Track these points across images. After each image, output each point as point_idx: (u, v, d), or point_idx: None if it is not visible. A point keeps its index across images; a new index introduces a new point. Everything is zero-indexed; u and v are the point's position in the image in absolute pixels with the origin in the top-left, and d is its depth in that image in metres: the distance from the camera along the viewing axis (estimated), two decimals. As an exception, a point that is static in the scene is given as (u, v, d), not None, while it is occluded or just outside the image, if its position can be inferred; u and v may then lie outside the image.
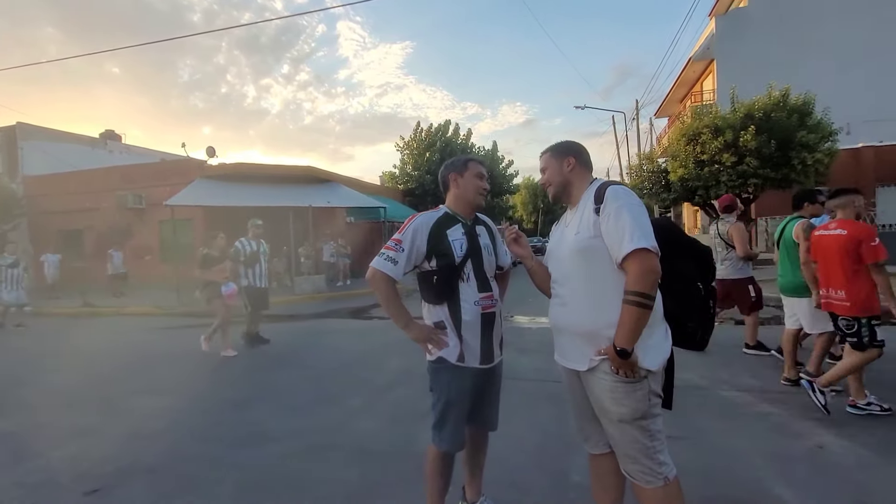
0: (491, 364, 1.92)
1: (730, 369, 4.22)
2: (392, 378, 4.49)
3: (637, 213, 1.51)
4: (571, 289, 1.64)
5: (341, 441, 3.08)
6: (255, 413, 3.69)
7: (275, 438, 3.15)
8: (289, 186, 13.40)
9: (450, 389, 1.85)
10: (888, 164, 15.19)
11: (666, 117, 28.21)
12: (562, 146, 1.78)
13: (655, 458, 1.55)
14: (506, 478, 2.46)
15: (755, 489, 2.31)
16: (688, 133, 13.04)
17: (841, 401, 3.46)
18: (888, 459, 2.57)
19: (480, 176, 1.95)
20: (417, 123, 23.25)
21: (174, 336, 7.55)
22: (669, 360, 1.58)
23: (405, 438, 3.06)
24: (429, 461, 1.94)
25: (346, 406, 3.76)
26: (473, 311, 1.85)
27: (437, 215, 1.93)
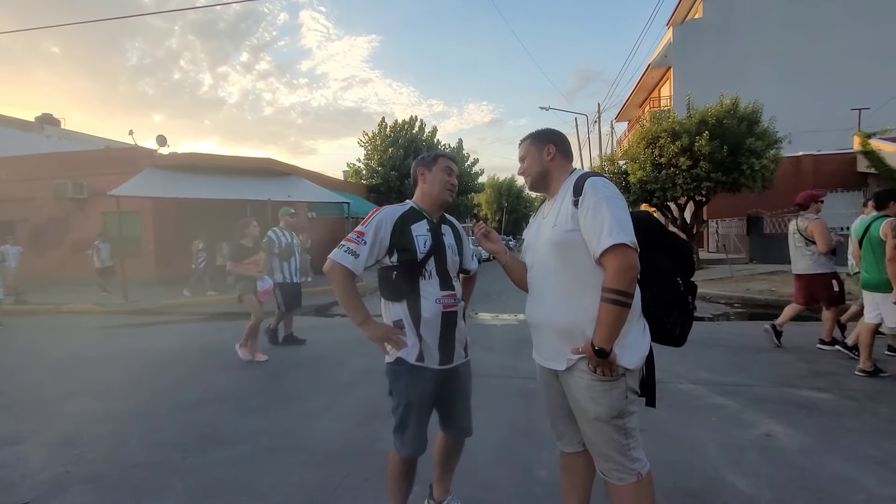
0: (451, 365, 1.83)
1: (685, 364, 4.37)
2: (354, 377, 4.36)
3: (616, 206, 1.46)
4: (547, 283, 1.60)
5: (300, 443, 2.94)
6: (205, 415, 3.47)
7: (228, 442, 2.97)
8: (247, 179, 12.87)
9: (409, 392, 1.77)
10: (825, 172, 16.35)
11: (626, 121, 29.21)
12: (542, 134, 1.72)
13: (629, 455, 1.53)
14: (472, 475, 2.42)
15: (710, 478, 2.39)
16: (647, 137, 13.51)
17: (786, 391, 3.66)
18: (827, 445, 2.72)
19: (449, 171, 1.88)
20: (382, 119, 23.01)
21: (117, 335, 7.06)
22: (649, 356, 1.55)
23: (368, 438, 2.97)
24: (391, 465, 1.87)
25: (305, 406, 3.62)
26: (434, 308, 1.77)
27: (402, 209, 1.86)
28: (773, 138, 12.72)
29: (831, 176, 16.28)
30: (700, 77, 18.68)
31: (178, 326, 7.72)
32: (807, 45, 19.57)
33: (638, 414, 1.56)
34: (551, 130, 1.75)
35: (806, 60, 19.46)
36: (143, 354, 5.38)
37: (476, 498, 2.17)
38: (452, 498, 2.05)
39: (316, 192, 13.94)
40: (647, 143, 13.49)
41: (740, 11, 20.39)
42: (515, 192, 49.93)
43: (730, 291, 9.44)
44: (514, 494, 2.29)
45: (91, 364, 5.15)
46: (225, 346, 5.65)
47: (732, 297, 9.07)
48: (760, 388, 3.75)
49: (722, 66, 19.30)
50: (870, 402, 3.39)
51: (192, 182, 11.98)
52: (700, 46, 20.59)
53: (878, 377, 3.89)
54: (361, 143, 23.17)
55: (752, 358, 4.68)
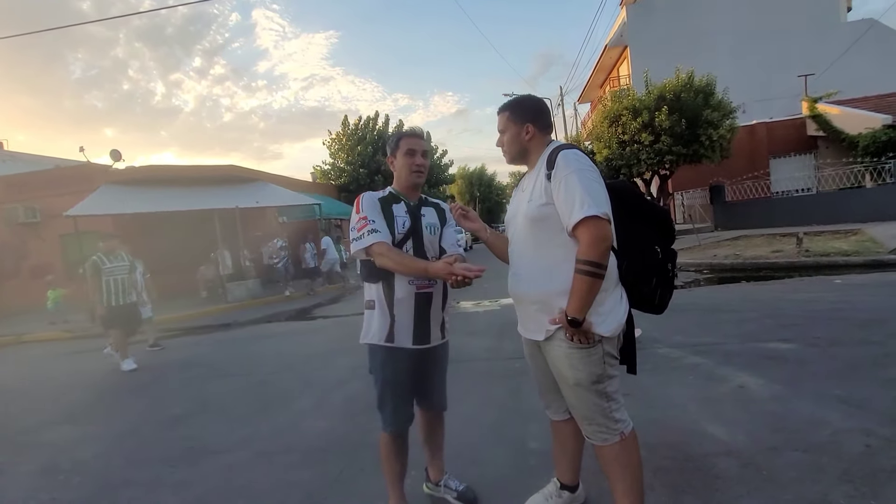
0: (427, 345, 1.87)
1: (661, 330, 4.55)
2: (342, 375, 4.35)
3: (588, 178, 1.47)
4: (525, 257, 1.64)
5: (292, 444, 2.93)
6: (192, 428, 3.41)
7: (218, 451, 2.93)
8: (212, 188, 12.48)
9: (384, 369, 1.83)
10: (778, 138, 17.08)
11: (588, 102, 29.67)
12: (521, 108, 1.68)
13: (612, 417, 1.59)
14: (466, 454, 2.47)
15: (691, 430, 2.52)
16: (609, 115, 13.81)
17: (755, 345, 3.86)
18: (795, 390, 2.90)
19: (411, 153, 1.86)
20: (345, 117, 22.54)
21: (88, 360, 6.79)
22: (629, 324, 1.59)
23: (361, 432, 2.98)
24: (382, 447, 1.92)
25: (294, 408, 3.59)
26: (407, 289, 1.79)
27: (381, 194, 1.90)
28: (727, 109, 13.19)
29: (783, 141, 17.03)
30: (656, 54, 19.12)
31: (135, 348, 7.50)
32: (752, 16, 20.28)
33: (619, 378, 1.62)
34: (530, 104, 1.71)
35: (753, 32, 20.18)
36: (117, 376, 5.20)
37: (472, 474, 2.22)
38: (449, 477, 2.09)
39: (285, 196, 13.67)
40: (610, 122, 13.79)
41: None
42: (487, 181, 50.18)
43: (698, 259, 9.82)
44: (508, 466, 2.35)
45: (64, 391, 4.96)
46: (204, 359, 5.54)
47: (701, 263, 9.43)
48: (731, 345, 3.95)
49: (676, 42, 19.80)
50: (830, 348, 3.62)
51: (154, 195, 11.55)
52: (653, 24, 21.07)
53: None
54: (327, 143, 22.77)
55: (722, 318, 4.90)
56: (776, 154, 17.11)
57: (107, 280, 5.33)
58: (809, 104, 16.09)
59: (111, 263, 5.38)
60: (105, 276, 5.32)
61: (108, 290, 5.35)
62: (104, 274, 5.32)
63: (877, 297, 5.22)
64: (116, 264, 5.43)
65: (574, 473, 1.88)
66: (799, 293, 5.88)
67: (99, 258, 5.36)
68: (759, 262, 8.75)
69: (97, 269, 5.31)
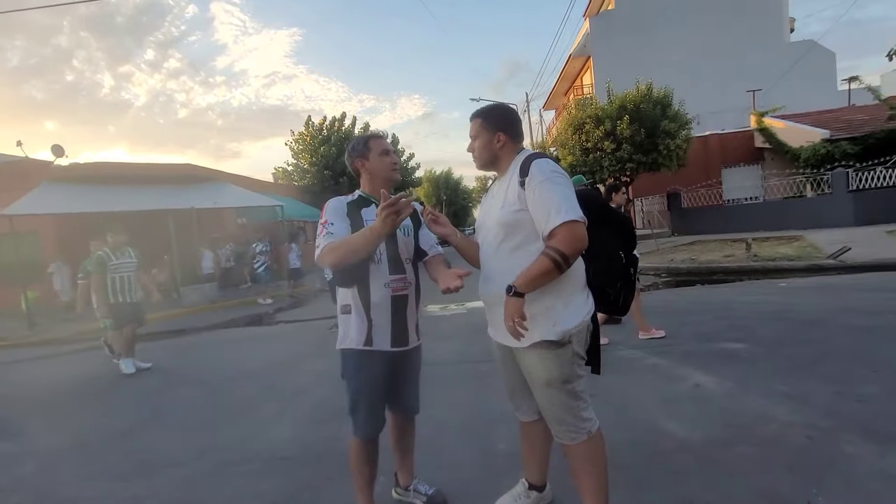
0: (405, 347, 1.87)
1: (623, 332, 4.69)
2: (308, 381, 4.25)
3: (563, 186, 1.52)
4: (496, 260, 1.66)
5: (255, 453, 2.83)
6: (146, 440, 3.24)
7: (175, 463, 2.79)
8: (165, 187, 11.90)
9: (359, 374, 1.80)
10: (729, 149, 18.09)
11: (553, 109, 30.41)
12: (494, 116, 1.71)
13: (580, 416, 1.63)
14: (435, 458, 2.46)
15: (650, 429, 2.62)
16: (573, 123, 14.21)
17: (709, 345, 4.06)
18: (745, 387, 3.07)
19: (386, 152, 1.87)
20: (308, 117, 22.01)
21: (26, 370, 6.33)
22: (593, 328, 1.64)
23: (327, 439, 2.92)
24: (352, 453, 1.88)
25: (256, 417, 3.47)
26: (383, 293, 1.78)
27: (349, 198, 1.87)
28: (683, 120, 13.86)
29: (734, 152, 18.05)
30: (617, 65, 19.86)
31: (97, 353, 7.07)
32: (706, 34, 21.44)
33: (586, 378, 1.67)
34: (502, 113, 1.74)
35: (706, 48, 21.32)
36: (60, 386, 4.87)
37: (441, 477, 2.21)
38: (418, 481, 2.08)
39: (244, 196, 13.20)
40: (575, 130, 14.19)
41: (647, 3, 21.88)
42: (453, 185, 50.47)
43: (657, 263, 10.23)
44: (477, 469, 2.36)
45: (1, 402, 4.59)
46: (158, 367, 5.27)
47: (659, 268, 9.83)
48: (688, 346, 4.13)
49: (636, 55, 20.63)
50: (776, 347, 3.86)
51: (101, 194, 10.86)
52: (615, 36, 21.88)
53: None
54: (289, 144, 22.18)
55: (679, 320, 5.12)
56: (727, 164, 18.10)
57: (112, 277, 5.06)
58: (757, 118, 17.13)
59: (118, 260, 5.12)
60: (111, 272, 5.06)
61: (114, 288, 5.07)
62: (110, 270, 5.06)
63: (817, 300, 5.60)
64: (123, 261, 5.16)
65: (542, 473, 1.92)
66: (748, 296, 6.23)
67: (105, 253, 5.09)
68: (712, 266, 9.21)
69: (103, 264, 5.03)
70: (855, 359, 3.39)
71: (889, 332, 3.95)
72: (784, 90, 18.99)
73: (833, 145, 13.68)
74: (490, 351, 1.86)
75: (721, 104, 20.10)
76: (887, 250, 8.47)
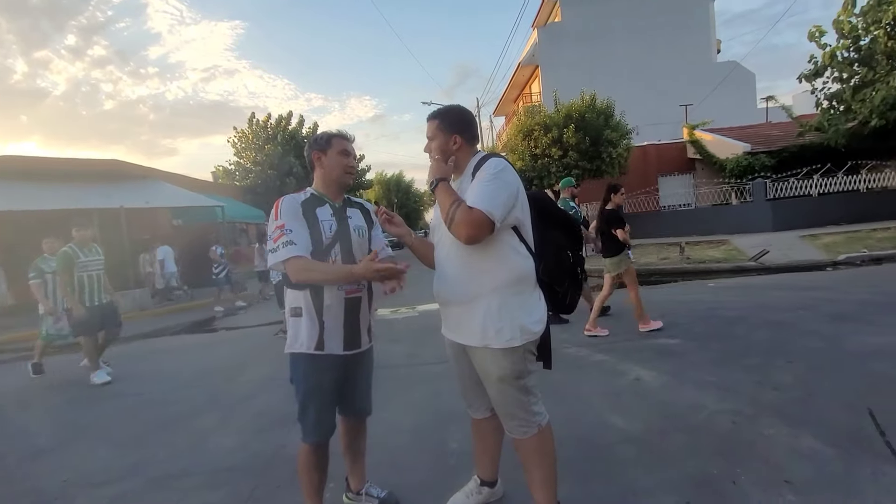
0: (357, 350, 1.85)
1: (570, 331, 4.89)
2: (250, 388, 4.06)
3: (501, 184, 1.55)
4: (451, 260, 1.68)
5: (195, 465, 2.67)
6: (68, 458, 2.96)
7: (102, 482, 2.57)
8: (89, 185, 10.92)
9: (308, 378, 1.76)
10: (665, 159, 19.32)
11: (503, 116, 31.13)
12: (451, 118, 1.74)
13: (531, 410, 1.68)
14: (387, 460, 2.44)
15: (596, 422, 2.74)
16: (523, 130, 14.63)
17: (648, 342, 4.31)
18: (680, 380, 3.29)
19: (345, 153, 1.84)
20: (252, 114, 21.03)
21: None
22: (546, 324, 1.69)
23: (274, 446, 2.80)
24: (300, 458, 1.83)
25: (196, 427, 3.27)
26: (336, 295, 1.75)
27: (301, 197, 1.81)
28: (624, 130, 14.67)
29: (669, 162, 19.30)
30: (564, 75, 20.68)
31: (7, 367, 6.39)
32: (644, 51, 22.83)
33: (536, 374, 1.73)
34: (459, 115, 1.76)
35: (645, 64, 22.70)
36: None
37: (393, 480, 2.19)
38: (370, 485, 2.05)
39: (180, 196, 12.42)
40: (524, 136, 14.61)
41: (592, 18, 22.99)
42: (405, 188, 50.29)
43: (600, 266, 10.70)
44: (429, 469, 2.36)
45: None
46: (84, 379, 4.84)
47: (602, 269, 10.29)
48: (629, 343, 4.37)
49: (581, 66, 21.59)
50: (706, 341, 4.17)
51: (13, 191, 9.81)
52: (562, 47, 22.79)
53: None
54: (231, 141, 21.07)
55: (622, 319, 5.40)
56: (663, 173, 19.34)
57: (80, 276, 4.46)
58: (689, 131, 18.45)
59: (85, 257, 4.52)
60: (79, 270, 4.45)
61: (83, 288, 4.48)
62: (78, 268, 4.45)
63: (741, 298, 6.12)
64: (92, 258, 4.56)
65: (493, 469, 1.95)
66: (682, 295, 6.69)
67: (72, 249, 4.48)
68: (651, 268, 9.81)
69: (70, 262, 4.43)
70: (773, 351, 3.73)
71: (801, 326, 4.39)
72: (712, 106, 20.58)
73: (753, 158, 15.00)
74: (442, 353, 1.87)
75: (657, 116, 21.46)
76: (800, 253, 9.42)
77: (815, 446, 2.23)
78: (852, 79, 11.56)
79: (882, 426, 2.35)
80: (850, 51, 11.52)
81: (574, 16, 23.27)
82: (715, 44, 25.08)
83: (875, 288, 5.78)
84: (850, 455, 2.13)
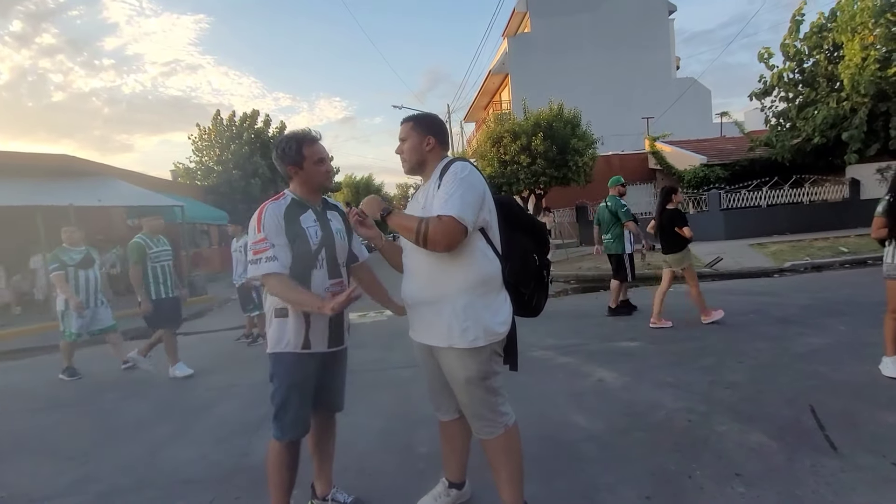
0: (339, 347, 1.90)
1: (536, 334, 4.97)
2: (210, 396, 3.91)
3: (468, 186, 1.57)
4: (418, 263, 1.69)
5: (147, 478, 2.54)
6: (5, 473, 2.75)
7: (44, 498, 2.41)
8: (35, 181, 10.20)
9: (292, 375, 1.77)
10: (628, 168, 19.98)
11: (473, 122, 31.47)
12: (425, 122, 1.77)
13: (498, 411, 1.71)
14: (354, 465, 2.41)
15: (560, 422, 2.81)
16: (492, 137, 14.83)
17: (610, 345, 4.44)
18: (640, 380, 3.42)
19: (321, 160, 1.83)
20: (217, 112, 20.34)
21: None
22: (511, 326, 1.71)
23: (234, 455, 2.71)
24: (272, 457, 1.80)
25: (148, 439, 3.11)
26: (322, 294, 1.78)
27: (283, 204, 1.80)
28: (590, 140, 15.11)
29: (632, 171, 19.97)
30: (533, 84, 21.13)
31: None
32: (609, 65, 23.68)
33: (503, 375, 1.75)
34: (433, 120, 1.80)
35: (609, 77, 23.54)
36: None
37: (361, 485, 2.17)
38: (337, 490, 2.02)
39: (136, 194, 11.79)
40: (493, 143, 14.81)
41: (560, 30, 23.66)
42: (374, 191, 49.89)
43: (567, 271, 10.98)
44: (397, 474, 2.35)
45: None
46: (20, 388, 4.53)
47: (569, 275, 10.56)
48: (593, 346, 4.49)
49: (549, 76, 22.14)
50: (665, 344, 4.34)
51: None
52: (531, 57, 23.32)
53: None
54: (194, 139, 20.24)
55: (585, 323, 5.54)
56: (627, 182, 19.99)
57: (153, 267, 4.34)
58: (650, 142, 19.23)
59: (157, 248, 4.34)
60: (151, 261, 4.32)
61: (156, 280, 4.37)
62: (150, 260, 4.33)
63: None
64: (161, 248, 4.40)
65: (461, 471, 1.96)
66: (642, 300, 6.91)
67: (143, 240, 4.30)
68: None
69: (142, 252, 4.30)
70: (726, 352, 3.92)
71: (751, 328, 4.64)
72: (671, 119, 21.55)
73: (709, 169, 15.79)
74: (411, 357, 1.88)
75: (621, 127, 22.25)
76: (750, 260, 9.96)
77: (762, 441, 2.37)
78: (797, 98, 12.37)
79: (822, 421, 2.52)
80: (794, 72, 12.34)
81: (543, 27, 23.87)
82: (674, 60, 26.32)
83: (816, 294, 6.19)
84: (793, 449, 2.27)
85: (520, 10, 24.96)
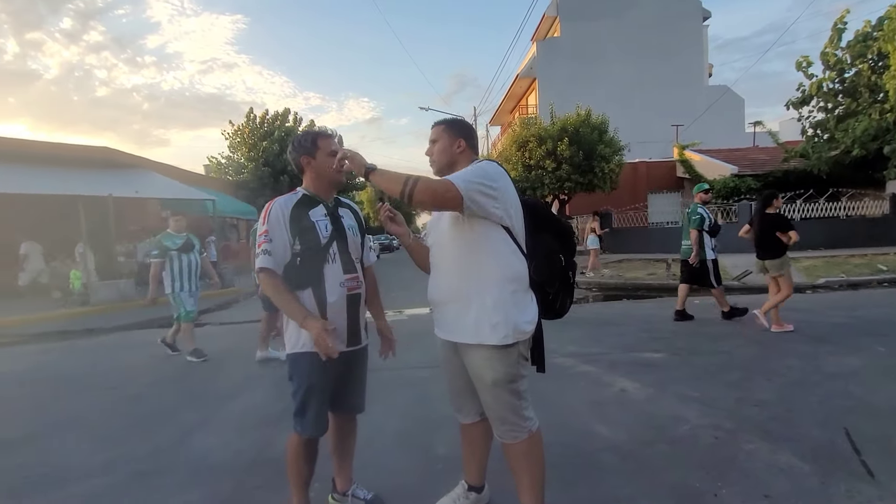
0: (357, 346, 1.89)
1: (558, 341, 4.92)
2: (235, 386, 4.01)
3: (476, 168, 1.63)
4: (446, 260, 1.71)
5: (174, 462, 2.63)
6: (43, 452, 2.88)
7: (78, 477, 2.51)
8: (76, 171, 10.69)
9: (311, 375, 1.77)
10: (654, 176, 19.67)
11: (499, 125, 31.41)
12: (457, 125, 1.81)
13: (522, 415, 1.70)
14: (374, 462, 2.43)
15: (581, 431, 2.77)
16: (517, 140, 14.78)
17: (633, 355, 4.36)
18: (663, 392, 3.35)
19: (334, 153, 1.83)
20: (250, 109, 20.93)
21: None
22: (537, 328, 1.71)
23: (256, 446, 2.77)
24: (291, 449, 1.83)
25: (177, 424, 3.21)
26: (339, 292, 1.78)
27: (294, 198, 1.83)
28: (617, 146, 14.91)
29: (659, 179, 19.64)
30: (560, 89, 20.98)
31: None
32: (639, 70, 23.32)
33: (528, 378, 1.74)
34: (464, 124, 1.85)
35: (639, 83, 23.19)
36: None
37: (380, 483, 2.19)
38: (357, 486, 2.04)
39: (170, 187, 12.23)
40: (518, 147, 14.77)
41: (590, 34, 23.44)
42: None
43: (588, 278, 10.83)
44: (416, 473, 2.36)
45: None
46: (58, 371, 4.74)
47: (591, 282, 10.42)
48: (615, 355, 4.42)
49: (577, 81, 21.95)
50: (689, 356, 4.24)
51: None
52: (559, 62, 23.15)
53: None
54: (227, 135, 20.88)
55: (608, 331, 5.46)
56: (653, 190, 19.66)
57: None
58: (678, 150, 18.83)
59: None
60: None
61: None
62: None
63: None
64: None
65: (481, 474, 1.96)
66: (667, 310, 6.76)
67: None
68: (637, 283, 9.94)
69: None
70: (754, 369, 3.80)
71: (781, 345, 4.48)
72: (702, 127, 21.06)
73: (740, 180, 15.36)
74: (430, 357, 1.89)
75: (649, 135, 21.87)
76: (780, 275, 9.63)
77: (793, 462, 2.29)
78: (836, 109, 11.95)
79: (857, 445, 2.42)
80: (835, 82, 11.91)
81: (573, 32, 23.68)
82: (707, 67, 25.72)
83: (851, 312, 5.94)
84: (827, 472, 2.19)
85: (550, 15, 24.82)
